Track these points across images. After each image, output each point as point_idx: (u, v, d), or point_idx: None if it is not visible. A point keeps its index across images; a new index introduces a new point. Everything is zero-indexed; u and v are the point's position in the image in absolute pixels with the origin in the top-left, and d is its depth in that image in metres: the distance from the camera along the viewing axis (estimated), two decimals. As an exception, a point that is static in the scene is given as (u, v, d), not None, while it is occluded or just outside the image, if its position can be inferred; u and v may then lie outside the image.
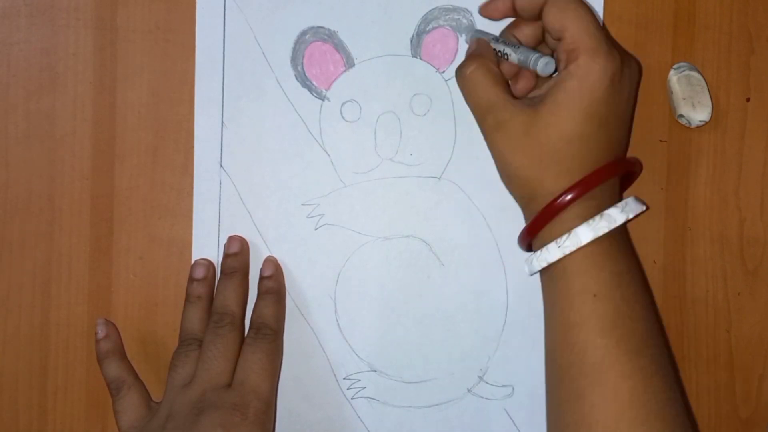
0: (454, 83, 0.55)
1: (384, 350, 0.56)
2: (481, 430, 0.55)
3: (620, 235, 0.48)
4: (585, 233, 0.46)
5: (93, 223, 0.55)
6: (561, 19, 0.47)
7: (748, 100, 0.56)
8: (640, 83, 0.50)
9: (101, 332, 0.54)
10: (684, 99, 0.54)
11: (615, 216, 0.46)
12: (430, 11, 0.55)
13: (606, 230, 0.46)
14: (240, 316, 0.54)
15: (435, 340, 0.55)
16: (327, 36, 0.55)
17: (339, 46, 0.55)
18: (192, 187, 0.55)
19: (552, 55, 0.49)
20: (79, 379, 0.55)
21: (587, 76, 0.46)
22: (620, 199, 0.49)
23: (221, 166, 0.55)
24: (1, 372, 0.55)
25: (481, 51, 0.50)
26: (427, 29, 0.55)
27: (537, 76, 0.50)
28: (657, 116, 0.56)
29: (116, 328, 0.55)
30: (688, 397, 0.55)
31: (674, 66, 0.55)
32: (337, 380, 0.56)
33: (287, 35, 0.55)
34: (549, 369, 0.48)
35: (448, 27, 0.55)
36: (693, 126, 0.55)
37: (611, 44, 0.47)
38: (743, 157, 0.56)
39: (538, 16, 0.49)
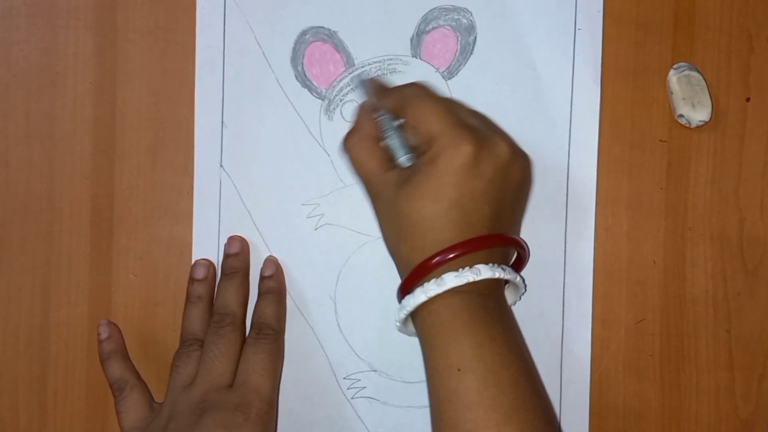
0: (453, 83, 0.55)
1: (384, 350, 0.56)
2: (481, 430, 0.55)
3: (485, 308, 0.47)
4: (418, 295, 0.47)
5: (93, 223, 0.55)
6: (413, 116, 0.48)
7: (748, 100, 0.56)
8: (512, 167, 0.48)
9: (104, 333, 0.54)
10: (684, 99, 0.54)
11: (447, 279, 0.46)
12: (430, 11, 0.55)
13: (433, 293, 0.46)
14: (241, 316, 0.54)
15: (435, 340, 0.55)
16: (327, 36, 0.55)
17: (339, 46, 0.55)
18: (192, 187, 0.55)
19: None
20: (79, 379, 0.55)
21: (437, 162, 0.47)
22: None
23: (221, 166, 0.55)
24: (1, 372, 0.55)
25: (362, 124, 0.51)
26: (427, 29, 0.55)
27: None
28: (657, 116, 0.56)
29: (118, 329, 0.55)
30: (689, 397, 0.55)
31: (674, 66, 0.55)
32: (337, 380, 0.56)
33: (287, 35, 0.55)
34: None
35: (448, 27, 0.55)
36: (693, 126, 0.55)
37: (465, 131, 0.47)
38: (743, 157, 0.56)
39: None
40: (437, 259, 0.47)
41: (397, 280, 0.55)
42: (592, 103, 0.55)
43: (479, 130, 0.48)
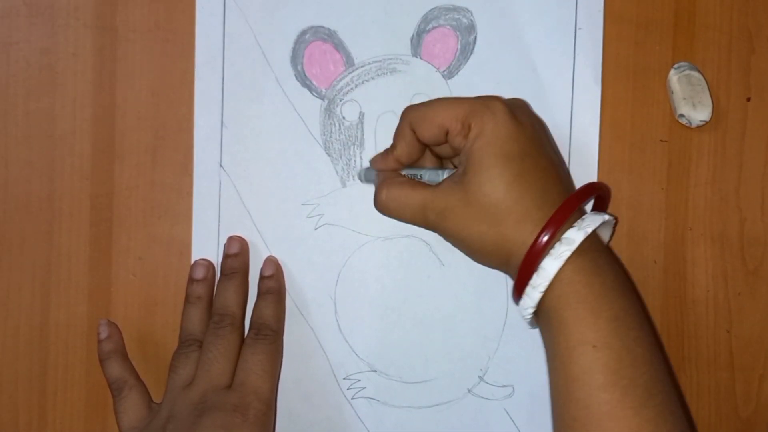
0: (454, 83, 0.55)
1: (384, 350, 0.56)
2: (481, 430, 0.55)
3: (612, 270, 0.46)
4: (550, 264, 0.44)
5: (93, 223, 0.55)
6: (433, 125, 0.48)
7: (748, 99, 0.56)
8: (536, 115, 0.51)
9: (103, 333, 0.54)
10: (684, 99, 0.54)
11: (573, 236, 0.44)
12: (430, 11, 0.55)
13: (569, 253, 0.44)
14: (240, 316, 0.54)
15: (435, 340, 0.55)
16: (327, 35, 0.55)
17: (339, 46, 0.55)
18: (192, 187, 0.55)
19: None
20: (78, 379, 0.55)
21: (485, 130, 0.46)
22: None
23: (221, 166, 0.55)
24: (1, 372, 0.55)
25: (384, 176, 0.51)
26: (428, 29, 0.55)
27: None
28: (657, 116, 0.55)
29: (118, 329, 0.55)
30: (689, 398, 0.55)
31: (674, 66, 0.55)
32: (337, 380, 0.56)
33: (287, 35, 0.55)
34: (555, 422, 0.46)
35: (448, 26, 0.55)
36: (693, 126, 0.55)
37: (485, 97, 0.48)
38: (744, 156, 0.56)
39: (423, 148, 0.51)
40: (554, 220, 0.45)
41: (398, 281, 0.55)
42: (592, 103, 0.55)
43: (493, 95, 0.49)
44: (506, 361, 0.55)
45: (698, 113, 0.54)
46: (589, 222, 0.45)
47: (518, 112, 0.48)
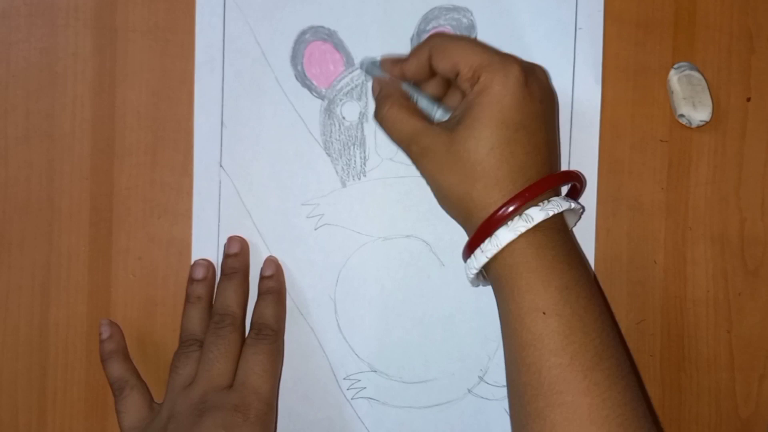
0: (454, 83, 0.55)
1: (384, 350, 0.56)
2: (481, 430, 0.55)
3: (565, 247, 0.47)
4: (504, 234, 0.46)
5: (92, 222, 0.55)
6: (449, 60, 0.48)
7: (748, 99, 0.56)
8: (551, 86, 0.51)
9: (105, 333, 0.54)
10: (684, 99, 0.54)
11: (533, 214, 0.46)
12: (430, 11, 0.55)
13: (523, 229, 0.45)
14: (241, 316, 0.54)
15: (435, 340, 0.55)
16: (327, 35, 0.55)
17: (339, 46, 0.55)
18: (191, 187, 0.55)
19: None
20: (78, 379, 0.55)
21: (491, 88, 0.46)
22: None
23: (221, 165, 0.55)
24: (0, 372, 0.55)
25: (389, 91, 0.51)
26: (428, 29, 0.55)
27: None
28: (657, 116, 0.55)
29: (120, 329, 0.55)
30: (689, 397, 0.55)
31: (675, 66, 0.55)
32: (337, 380, 0.56)
33: (287, 35, 0.55)
34: (509, 388, 0.47)
35: (448, 26, 0.55)
36: (693, 126, 0.55)
37: (506, 56, 0.48)
38: (744, 156, 0.56)
39: (432, 72, 0.50)
40: (521, 196, 0.45)
41: (398, 281, 0.55)
42: (592, 103, 0.55)
43: (514, 56, 0.49)
44: (506, 361, 0.55)
45: (698, 113, 0.54)
46: (553, 206, 0.46)
47: (531, 81, 0.48)
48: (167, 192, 0.55)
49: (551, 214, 0.46)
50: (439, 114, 0.49)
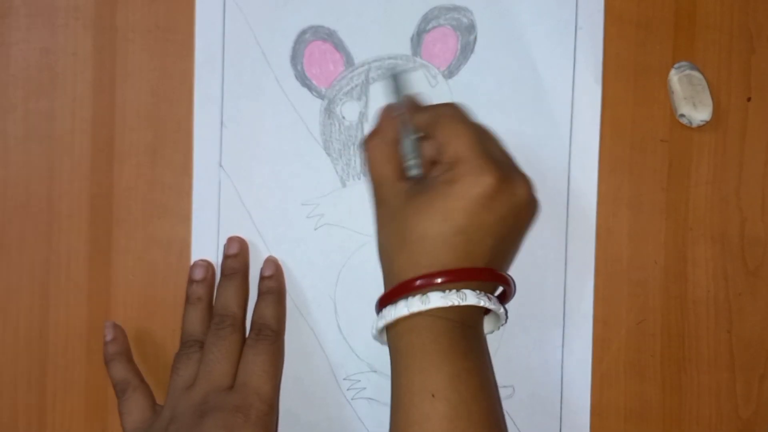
0: (454, 83, 0.55)
1: (384, 350, 0.55)
2: (481, 431, 0.55)
3: (465, 339, 0.48)
4: (401, 308, 0.47)
5: (92, 223, 0.55)
6: (446, 136, 0.48)
7: (749, 99, 0.56)
8: (528, 208, 0.49)
9: (109, 335, 0.54)
10: (685, 98, 0.54)
11: (432, 298, 0.46)
12: (430, 10, 0.55)
13: (416, 309, 0.46)
14: (241, 317, 0.53)
15: (435, 340, 0.55)
16: (327, 35, 0.55)
17: (339, 46, 0.55)
18: (191, 187, 0.55)
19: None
20: (78, 380, 0.55)
21: (454, 184, 0.47)
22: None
23: (221, 166, 0.55)
24: (0, 372, 0.55)
25: (385, 127, 0.51)
26: (428, 28, 0.55)
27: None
28: (658, 116, 0.55)
29: (123, 332, 0.55)
30: (689, 397, 0.55)
31: (675, 65, 0.55)
32: (337, 380, 0.55)
33: (287, 35, 0.55)
34: None
35: (448, 26, 0.55)
36: (694, 125, 0.55)
37: (490, 164, 0.47)
38: (744, 156, 0.55)
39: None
40: (425, 280, 0.47)
41: (397, 281, 0.55)
42: (593, 103, 0.55)
43: (505, 165, 0.48)
44: (506, 361, 0.55)
45: (699, 113, 0.54)
46: (458, 297, 0.47)
47: (502, 197, 0.47)
48: (167, 192, 0.55)
49: (449, 303, 0.46)
50: (411, 164, 0.49)
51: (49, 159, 0.55)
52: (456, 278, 0.47)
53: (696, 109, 0.54)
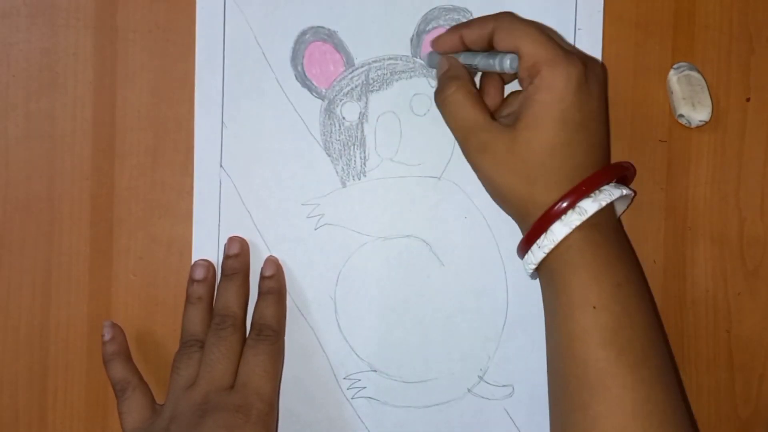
0: (454, 83, 0.55)
1: (384, 350, 0.56)
2: (481, 430, 0.55)
3: (619, 243, 0.48)
4: (559, 229, 0.46)
5: (93, 223, 0.55)
6: (512, 41, 0.48)
7: (748, 100, 0.56)
8: (607, 82, 0.51)
9: (108, 334, 0.54)
10: (684, 99, 0.54)
11: (586, 207, 0.46)
12: (430, 11, 0.55)
13: (578, 222, 0.46)
14: (241, 317, 0.54)
15: (435, 340, 0.55)
16: (327, 36, 0.55)
17: (339, 46, 0.55)
18: (192, 187, 0.55)
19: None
20: (79, 379, 0.55)
21: (553, 86, 0.46)
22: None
23: (221, 166, 0.55)
24: (1, 372, 0.55)
25: (457, 72, 0.51)
26: (428, 29, 0.55)
27: (502, 92, 0.52)
28: (657, 116, 0.56)
29: (122, 331, 0.55)
30: (689, 397, 0.55)
31: (674, 66, 0.55)
32: (337, 380, 0.56)
33: (287, 35, 0.55)
34: (551, 378, 0.48)
35: (448, 27, 0.55)
36: (693, 126, 0.55)
37: (569, 51, 0.48)
38: (743, 156, 0.56)
39: (489, 45, 0.50)
40: (572, 195, 0.46)
41: (398, 281, 0.55)
42: (592, 103, 0.55)
43: (576, 50, 0.49)
44: (506, 361, 0.55)
45: (698, 113, 0.54)
46: (605, 196, 0.47)
47: (591, 78, 0.47)
48: (168, 192, 0.55)
49: (603, 204, 0.46)
50: (508, 63, 0.48)
51: (50, 159, 0.55)
52: (598, 180, 0.47)
53: (695, 109, 0.54)
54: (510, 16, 0.50)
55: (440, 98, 0.50)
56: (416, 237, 0.55)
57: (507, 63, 0.48)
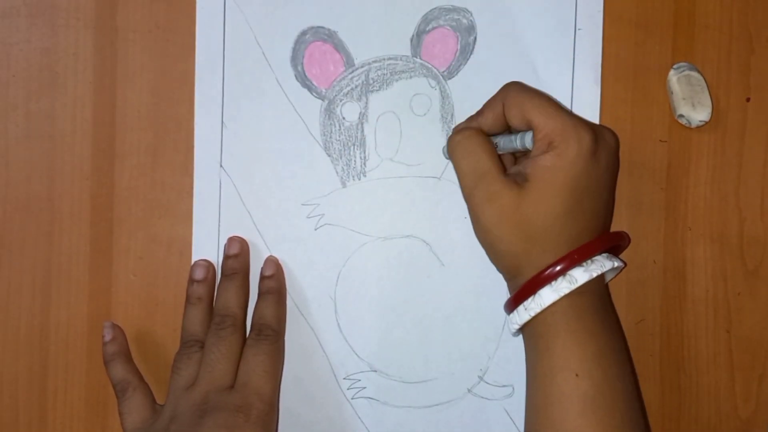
0: (453, 83, 0.55)
1: (384, 350, 0.56)
2: (481, 430, 0.55)
3: (604, 310, 0.48)
4: (547, 294, 0.47)
5: (93, 223, 0.55)
6: (523, 116, 0.48)
7: (748, 100, 0.56)
8: (618, 152, 0.51)
9: (108, 335, 0.54)
10: (684, 99, 0.54)
11: (577, 276, 0.47)
12: (430, 11, 0.55)
13: (567, 291, 0.46)
14: (241, 317, 0.54)
15: (435, 340, 0.55)
16: (327, 36, 0.55)
17: (339, 46, 0.55)
18: (192, 187, 0.55)
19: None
20: (79, 379, 0.55)
21: (565, 155, 0.47)
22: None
23: (221, 166, 0.55)
24: (1, 372, 0.55)
25: (471, 124, 0.51)
26: (427, 29, 0.55)
27: (514, 157, 0.52)
28: (657, 116, 0.56)
29: (123, 332, 0.55)
30: (689, 398, 0.55)
31: (674, 66, 0.55)
32: (337, 380, 0.56)
33: (287, 35, 0.55)
34: None
35: (448, 27, 0.55)
36: (693, 126, 0.55)
37: (579, 121, 0.48)
38: (743, 157, 0.56)
39: (506, 125, 0.50)
40: (565, 262, 0.46)
41: (398, 281, 0.55)
42: (592, 103, 0.55)
43: (585, 120, 0.49)
44: (506, 361, 0.55)
45: (698, 113, 0.54)
46: (596, 267, 0.47)
47: (601, 147, 0.48)
48: (168, 192, 0.55)
49: (594, 275, 0.47)
50: (528, 140, 0.48)
51: (50, 159, 0.55)
52: (593, 249, 0.47)
53: (695, 109, 0.54)
54: (516, 89, 0.50)
55: (453, 141, 0.50)
56: (416, 237, 0.55)
57: (528, 140, 0.49)
